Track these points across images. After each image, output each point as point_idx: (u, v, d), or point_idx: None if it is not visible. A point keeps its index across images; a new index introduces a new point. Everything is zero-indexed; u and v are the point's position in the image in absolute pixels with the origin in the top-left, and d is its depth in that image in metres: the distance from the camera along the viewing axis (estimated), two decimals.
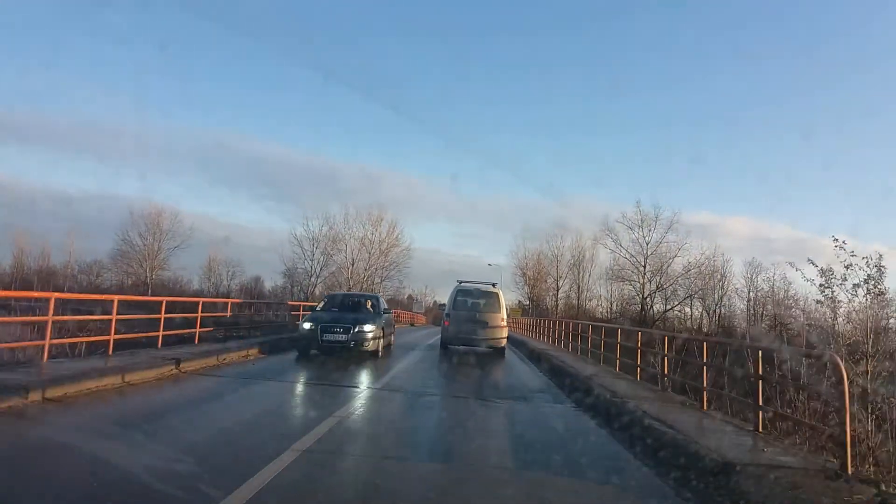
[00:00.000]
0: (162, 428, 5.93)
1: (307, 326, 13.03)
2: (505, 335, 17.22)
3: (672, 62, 75.44)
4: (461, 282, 17.64)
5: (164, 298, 11.94)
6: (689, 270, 51.54)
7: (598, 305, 57.57)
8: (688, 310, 53.27)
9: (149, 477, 4.13)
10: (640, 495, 4.74)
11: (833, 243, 15.75)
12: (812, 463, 5.31)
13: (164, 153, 78.22)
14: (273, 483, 4.21)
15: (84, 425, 5.93)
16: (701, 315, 53.14)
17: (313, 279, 55.66)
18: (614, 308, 55.67)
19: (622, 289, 55.16)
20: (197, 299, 14.99)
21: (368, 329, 12.89)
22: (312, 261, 57.32)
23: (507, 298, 40.57)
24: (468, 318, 16.55)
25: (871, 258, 15.53)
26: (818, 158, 70.16)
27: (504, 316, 16.91)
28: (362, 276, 57.43)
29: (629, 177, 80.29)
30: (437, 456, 5.65)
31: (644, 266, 52.75)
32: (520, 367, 14.99)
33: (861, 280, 15.69)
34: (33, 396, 6.57)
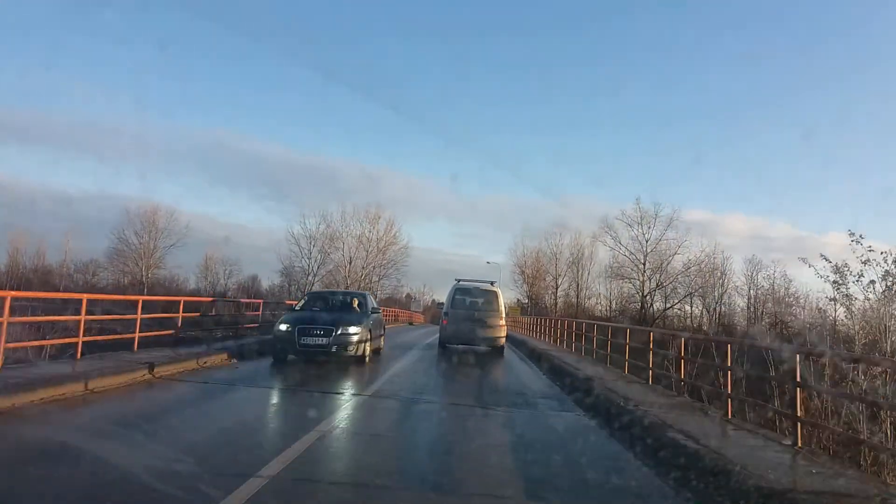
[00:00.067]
0: (106, 449, 5.03)
1: (283, 328, 11.50)
2: (504, 334, 17.05)
3: (671, 61, 74.65)
4: (459, 280, 17.48)
5: (141, 298, 11.10)
6: (689, 268, 51.00)
7: (598, 304, 57.00)
8: (688, 308, 52.81)
9: None
10: None
11: (849, 237, 15.04)
12: (882, 490, 4.54)
13: (164, 153, 78.44)
14: None
15: (15, 445, 5.10)
16: (701, 313, 52.60)
17: (311, 278, 55.04)
18: (614, 306, 55.03)
19: (622, 287, 54.59)
20: (177, 298, 14.12)
21: (353, 331, 11.50)
22: (310, 259, 56.82)
23: (506, 297, 39.89)
24: (467, 317, 16.33)
25: (891, 253, 14.81)
26: (817, 157, 69.97)
27: (503, 315, 16.74)
28: (360, 275, 56.80)
29: (628, 176, 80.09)
30: (433, 483, 4.85)
31: (644, 264, 52.12)
32: (521, 369, 14.25)
33: (879, 276, 14.97)
34: None
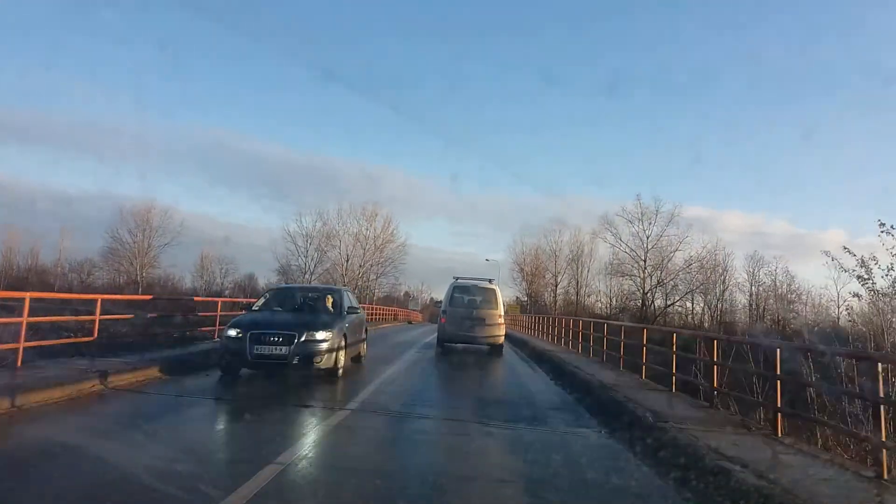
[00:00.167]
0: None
1: (232, 334, 9.16)
2: (503, 332, 16.88)
3: (671, 60, 73.51)
4: (457, 278, 17.34)
5: (100, 297, 9.94)
6: (691, 264, 50.15)
7: (598, 301, 56.01)
8: (689, 304, 51.83)
9: None
10: None
11: (879, 228, 13.92)
12: None
13: (164, 153, 77.92)
14: None
15: None
16: (703, 310, 51.65)
17: (308, 276, 54.04)
18: (614, 304, 54.10)
19: (622, 284, 53.67)
20: (139, 297, 12.92)
21: (322, 337, 9.21)
22: (306, 257, 55.86)
23: (505, 295, 38.84)
24: (465, 316, 16.14)
25: None
26: (815, 154, 69.07)
27: (501, 313, 16.59)
28: (357, 273, 55.87)
29: (627, 174, 79.87)
30: None
31: (644, 260, 51.18)
32: (526, 373, 13.08)
33: None
34: None
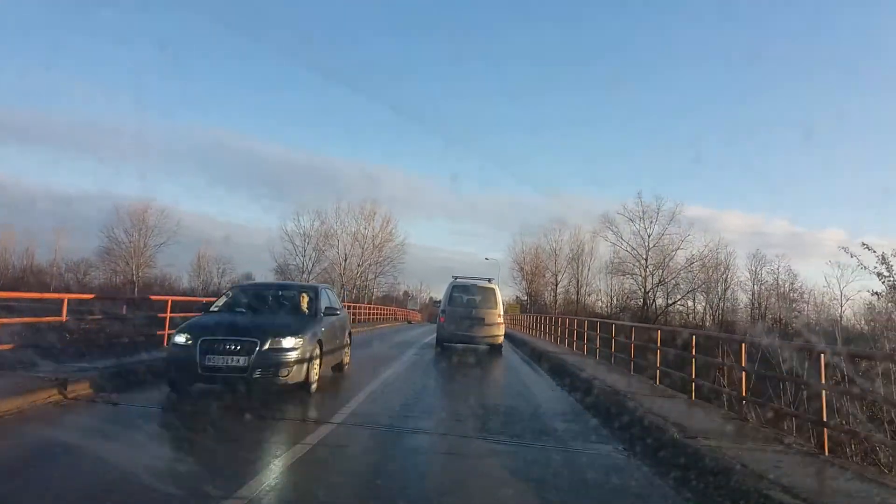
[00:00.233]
0: None
1: (179, 341, 7.55)
2: (502, 332, 16.87)
3: (671, 59, 73.00)
4: (456, 277, 17.34)
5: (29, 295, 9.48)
6: (692, 263, 49.80)
7: (598, 300, 55.69)
8: (690, 303, 51.47)
9: None
10: None
11: None
12: None
13: (164, 153, 78.13)
14: None
15: None
16: (704, 309, 51.28)
17: (306, 276, 53.73)
18: (615, 303, 53.74)
19: (623, 283, 53.37)
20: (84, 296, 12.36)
21: (290, 344, 7.62)
22: (304, 257, 55.58)
23: (505, 294, 38.43)
24: (464, 315, 16.16)
25: None
26: (815, 154, 68.59)
27: (501, 312, 16.58)
28: (355, 272, 55.63)
29: (626, 174, 79.75)
30: None
31: (646, 259, 50.79)
32: (531, 378, 12.39)
33: None
34: None
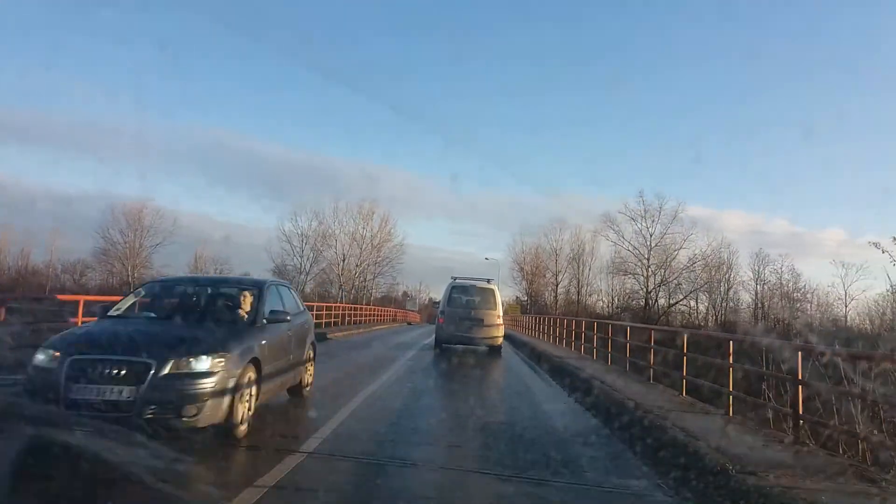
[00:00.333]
0: None
1: (42, 360, 5.30)
2: (502, 333, 16.87)
3: (671, 58, 72.65)
4: (455, 278, 17.25)
5: None
6: (695, 263, 49.62)
7: (599, 300, 55.44)
8: (692, 304, 51.24)
9: None
10: None
11: None
12: None
13: (164, 153, 77.55)
14: None
15: None
16: (707, 309, 51.06)
17: (303, 276, 53.42)
18: (616, 303, 53.48)
19: (624, 283, 53.10)
20: None
21: (203, 367, 5.28)
22: (301, 257, 55.20)
23: (505, 295, 38.27)
24: (463, 316, 16.08)
25: None
26: (815, 153, 68.33)
27: (500, 313, 16.57)
28: (354, 273, 55.28)
29: (626, 173, 79.06)
30: None
31: (647, 259, 50.55)
32: (538, 388, 11.44)
33: None
34: None
